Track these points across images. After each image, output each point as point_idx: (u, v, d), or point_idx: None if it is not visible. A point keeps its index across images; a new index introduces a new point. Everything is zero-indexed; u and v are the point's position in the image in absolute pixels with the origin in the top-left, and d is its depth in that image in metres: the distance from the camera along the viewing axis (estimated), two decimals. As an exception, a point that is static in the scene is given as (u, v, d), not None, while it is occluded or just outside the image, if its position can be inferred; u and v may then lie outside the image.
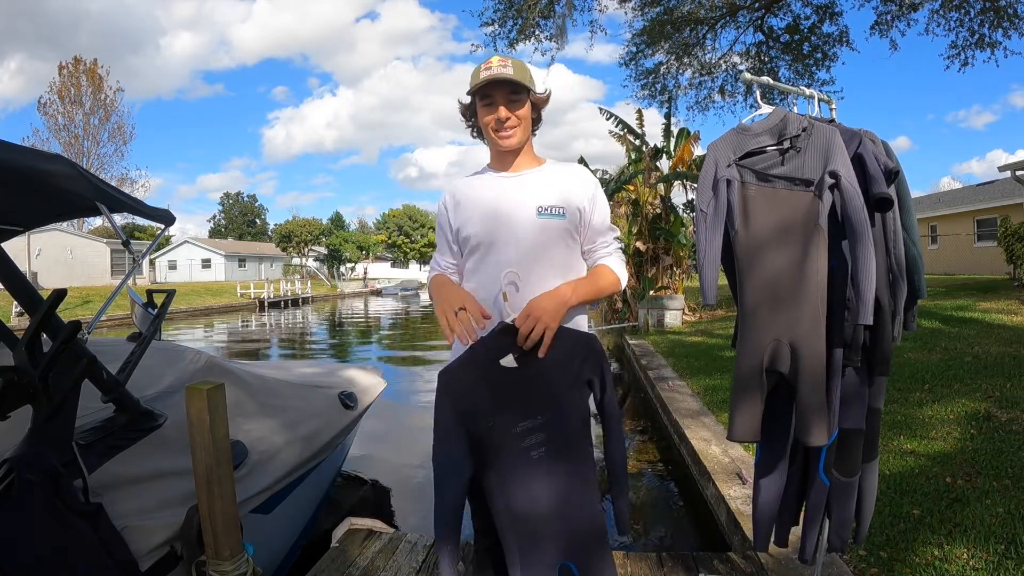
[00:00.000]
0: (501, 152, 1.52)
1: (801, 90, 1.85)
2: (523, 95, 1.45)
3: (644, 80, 12.18)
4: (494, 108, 1.44)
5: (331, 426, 3.04)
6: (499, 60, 1.43)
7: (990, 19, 9.27)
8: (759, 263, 1.56)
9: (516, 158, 1.53)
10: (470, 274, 1.52)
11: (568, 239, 1.48)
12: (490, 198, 1.50)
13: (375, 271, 54.01)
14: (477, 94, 1.46)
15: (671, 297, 11.47)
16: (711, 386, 5.43)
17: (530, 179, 1.51)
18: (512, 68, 1.41)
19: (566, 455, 1.33)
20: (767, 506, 1.70)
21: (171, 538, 1.79)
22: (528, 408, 1.31)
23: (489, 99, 1.44)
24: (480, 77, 1.41)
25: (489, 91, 1.43)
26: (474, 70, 1.45)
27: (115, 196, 1.98)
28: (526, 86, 1.44)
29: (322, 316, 23.52)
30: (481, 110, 1.47)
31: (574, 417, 1.34)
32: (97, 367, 1.83)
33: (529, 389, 1.31)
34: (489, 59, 1.44)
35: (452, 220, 1.55)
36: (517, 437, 1.30)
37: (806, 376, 1.48)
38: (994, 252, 14.14)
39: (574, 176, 1.53)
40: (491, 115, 1.45)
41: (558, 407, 1.32)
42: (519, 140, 1.48)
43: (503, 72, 1.40)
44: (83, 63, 36.02)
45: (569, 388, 1.33)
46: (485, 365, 1.30)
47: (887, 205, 1.48)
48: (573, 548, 1.33)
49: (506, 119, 1.44)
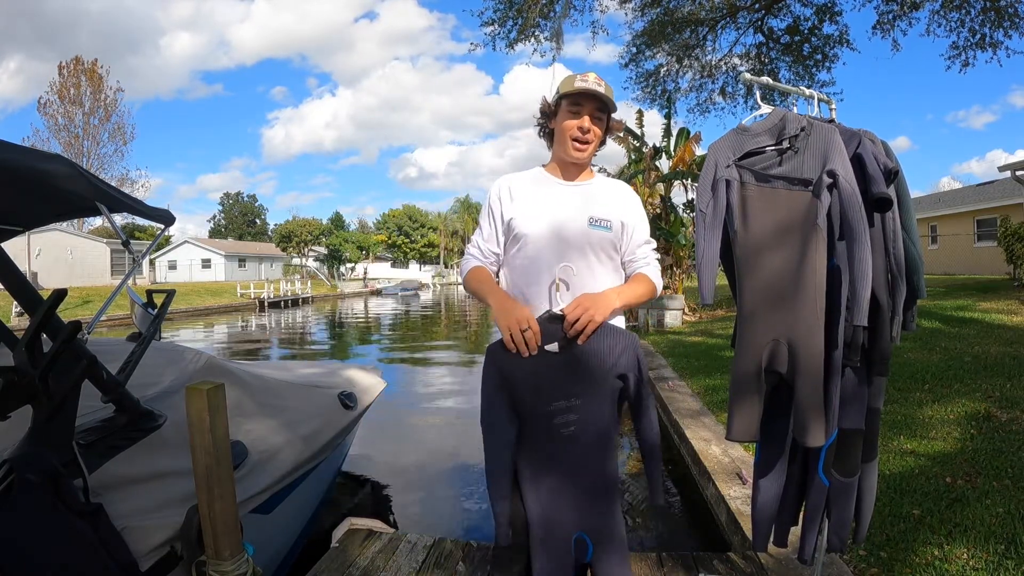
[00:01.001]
0: (567, 162, 1.60)
1: (801, 90, 1.85)
2: (606, 116, 1.55)
3: (644, 82, 12.19)
4: (579, 117, 1.53)
5: (331, 426, 3.04)
6: (596, 77, 1.52)
7: (991, 19, 9.27)
8: (758, 263, 1.56)
9: (577, 170, 1.62)
10: (515, 267, 1.60)
11: (611, 250, 1.58)
12: (548, 201, 1.58)
13: (375, 271, 53.99)
14: (567, 99, 1.53)
15: (671, 297, 11.47)
16: (711, 386, 5.43)
17: (585, 191, 1.61)
18: (605, 88, 1.51)
19: (592, 436, 1.44)
20: (766, 506, 1.71)
21: (171, 538, 1.79)
22: (564, 390, 1.42)
23: (578, 107, 1.53)
24: (575, 86, 1.50)
25: (581, 100, 1.52)
26: (567, 77, 1.54)
27: (115, 196, 1.98)
28: (611, 108, 1.54)
29: (322, 316, 23.52)
30: (565, 114, 1.55)
31: (605, 404, 1.44)
32: (97, 367, 1.83)
33: (567, 373, 1.42)
34: (587, 73, 1.53)
35: (505, 211, 1.61)
36: (550, 415, 1.43)
37: (804, 376, 1.48)
38: (994, 252, 14.14)
39: (621, 193, 1.65)
40: (575, 122, 1.54)
41: (591, 393, 1.43)
42: (589, 155, 1.58)
43: (599, 89, 1.49)
44: (83, 63, 36.02)
45: (603, 377, 1.43)
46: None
47: (886, 205, 1.48)
48: (589, 522, 1.46)
49: (587, 130, 1.53)
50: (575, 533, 1.46)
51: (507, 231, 1.61)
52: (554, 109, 1.60)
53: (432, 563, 2.38)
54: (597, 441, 1.45)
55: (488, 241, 1.65)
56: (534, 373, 1.42)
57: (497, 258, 1.66)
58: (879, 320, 1.55)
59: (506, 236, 1.62)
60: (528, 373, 1.42)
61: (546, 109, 1.62)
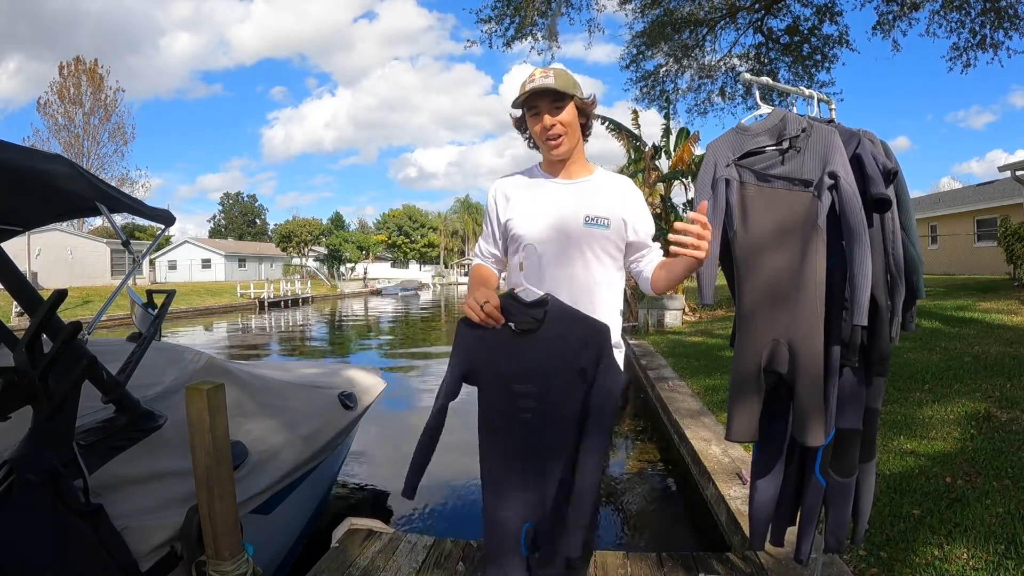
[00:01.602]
0: (553, 160, 1.57)
1: (801, 91, 1.85)
2: (565, 101, 1.50)
3: (644, 83, 12.18)
4: (540, 117, 1.50)
5: (331, 426, 3.04)
6: (541, 72, 1.49)
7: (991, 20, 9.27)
8: (758, 263, 1.56)
9: (567, 165, 1.59)
10: (514, 271, 1.60)
11: (611, 249, 1.54)
12: (540, 200, 1.57)
13: (375, 271, 53.98)
14: (524, 106, 1.53)
15: (671, 297, 11.46)
16: (711, 386, 5.43)
17: (580, 188, 1.57)
18: (553, 78, 1.47)
19: (554, 427, 1.40)
20: (764, 505, 1.71)
21: (171, 538, 1.80)
22: (526, 373, 1.40)
23: (535, 109, 1.51)
24: (525, 90, 1.48)
25: (534, 102, 1.50)
26: (521, 84, 1.52)
27: (115, 196, 1.98)
28: (568, 93, 1.48)
29: (322, 316, 23.51)
30: (529, 120, 1.54)
31: (568, 396, 1.40)
32: (97, 367, 1.83)
33: (530, 356, 1.40)
34: (532, 72, 1.50)
35: (500, 214, 1.61)
36: (512, 397, 1.41)
37: (804, 376, 1.48)
38: (994, 252, 14.13)
39: (621, 189, 1.59)
40: (538, 124, 1.51)
41: (553, 381, 1.40)
42: (568, 147, 1.53)
43: (544, 82, 1.46)
44: (84, 63, 36.02)
45: (565, 367, 1.40)
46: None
47: (885, 206, 1.48)
48: (543, 513, 1.41)
49: (551, 126, 1.49)
50: (525, 523, 1.42)
51: (505, 233, 1.61)
52: (522, 119, 1.59)
53: (432, 563, 2.38)
54: (559, 432, 1.41)
55: (488, 243, 1.67)
56: (499, 347, 1.42)
57: (496, 259, 1.68)
58: (878, 320, 1.55)
59: (504, 239, 1.63)
60: (493, 346, 1.42)
61: (517, 124, 1.63)
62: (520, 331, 1.41)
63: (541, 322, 1.41)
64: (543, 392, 1.40)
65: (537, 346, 1.40)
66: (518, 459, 1.43)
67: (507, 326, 1.41)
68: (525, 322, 1.40)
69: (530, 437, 1.42)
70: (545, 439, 1.42)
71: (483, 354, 1.44)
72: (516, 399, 1.41)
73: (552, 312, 1.41)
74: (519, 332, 1.41)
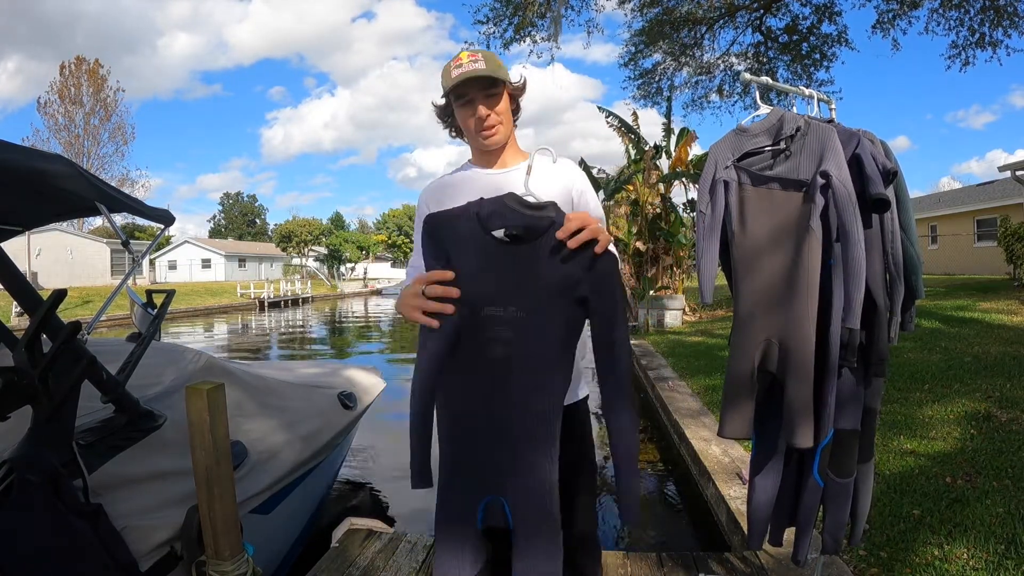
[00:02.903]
0: (486, 151, 1.45)
1: (800, 90, 1.85)
2: (499, 88, 1.38)
3: (642, 81, 12.19)
4: (472, 107, 1.37)
5: (331, 426, 3.04)
6: (469, 55, 1.35)
7: (990, 18, 9.28)
8: (754, 264, 1.57)
9: (501, 153, 1.47)
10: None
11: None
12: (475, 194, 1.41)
13: (375, 271, 53.99)
14: (452, 94, 1.38)
15: (671, 297, 11.47)
16: (711, 386, 5.43)
17: (518, 175, 1.41)
18: (484, 62, 1.33)
19: (530, 366, 1.12)
20: (762, 505, 1.70)
21: (171, 538, 1.80)
22: (503, 292, 1.13)
23: (465, 98, 1.37)
24: (452, 76, 1.33)
25: (464, 90, 1.35)
26: (444, 68, 1.37)
27: (115, 196, 1.98)
28: (501, 79, 1.36)
29: (322, 316, 23.51)
30: (459, 110, 1.40)
31: (553, 329, 1.13)
32: (97, 367, 1.83)
33: (511, 272, 1.13)
34: (458, 55, 1.36)
35: None
36: (481, 323, 1.13)
37: (794, 376, 1.48)
38: (994, 252, 14.13)
39: (564, 169, 1.46)
40: (470, 115, 1.38)
41: (536, 308, 1.12)
42: (503, 136, 1.42)
43: (476, 68, 1.32)
44: (85, 63, 36.04)
45: (556, 291, 1.12)
46: (474, 226, 1.16)
47: (884, 206, 1.48)
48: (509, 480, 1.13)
49: (486, 116, 1.37)
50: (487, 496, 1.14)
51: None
52: (447, 107, 1.44)
53: (432, 563, 2.38)
54: (535, 374, 1.12)
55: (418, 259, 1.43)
56: (472, 257, 1.14)
57: None
58: (877, 321, 1.55)
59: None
60: (466, 255, 1.15)
61: (440, 113, 1.48)
62: (509, 238, 1.13)
63: (544, 230, 1.13)
64: (526, 321, 1.12)
65: (528, 260, 1.13)
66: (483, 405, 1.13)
67: (490, 235, 1.14)
68: (520, 227, 1.13)
69: (501, 378, 1.12)
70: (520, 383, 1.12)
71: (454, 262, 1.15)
72: (486, 326, 1.13)
73: (558, 223, 1.13)
74: (507, 240, 1.13)
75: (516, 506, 1.12)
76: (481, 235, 1.15)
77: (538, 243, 1.13)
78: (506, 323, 1.12)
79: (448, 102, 1.43)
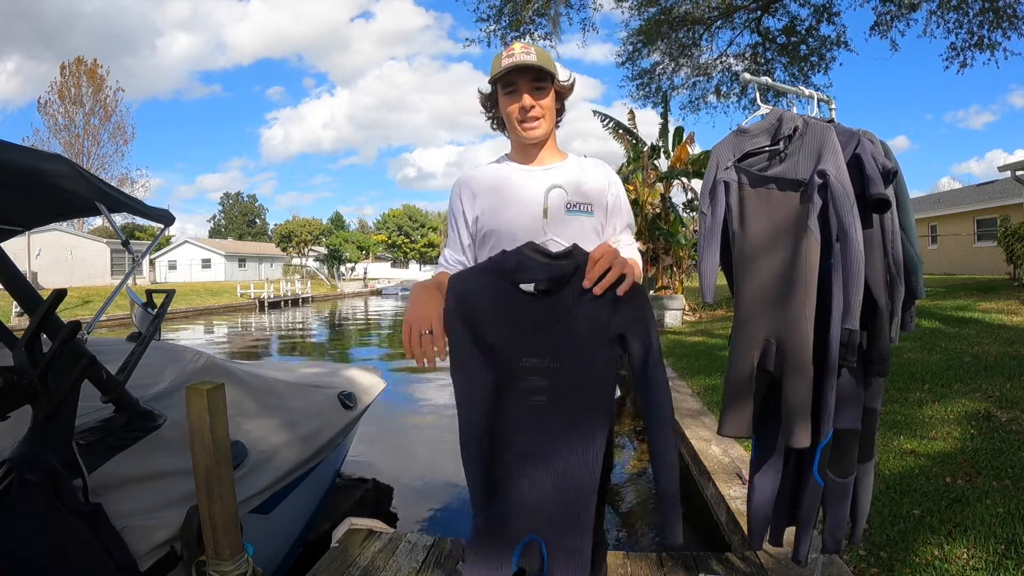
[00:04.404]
0: (525, 144, 1.44)
1: (800, 90, 1.86)
2: (547, 83, 1.38)
3: (640, 80, 12.20)
4: (517, 96, 1.37)
5: (331, 426, 3.04)
6: (522, 47, 1.35)
7: (989, 20, 9.28)
8: (753, 264, 1.57)
9: (540, 151, 1.45)
10: None
11: (594, 237, 1.41)
12: (516, 191, 1.41)
13: (375, 271, 54.02)
14: (499, 82, 1.38)
15: (671, 297, 11.47)
16: (711, 386, 5.43)
17: (558, 174, 1.43)
18: (535, 55, 1.34)
19: (571, 414, 1.14)
20: (762, 504, 1.71)
21: (171, 538, 1.80)
22: (538, 344, 1.14)
23: (512, 87, 1.37)
24: (502, 64, 1.34)
25: (512, 79, 1.36)
26: (495, 58, 1.38)
27: (115, 196, 1.98)
28: (550, 73, 1.36)
29: (322, 316, 23.51)
30: (503, 99, 1.40)
31: (593, 374, 1.14)
32: (97, 367, 1.83)
33: (545, 323, 1.15)
34: (511, 46, 1.37)
35: (468, 210, 1.45)
36: (518, 373, 1.15)
37: (791, 376, 1.49)
38: (994, 252, 14.13)
39: (601, 173, 1.47)
40: (515, 104, 1.38)
41: (574, 356, 1.14)
42: (544, 131, 1.41)
43: (526, 59, 1.32)
44: (84, 63, 36.04)
45: (593, 336, 1.13)
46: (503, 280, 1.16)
47: (884, 206, 1.48)
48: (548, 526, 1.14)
49: (530, 108, 1.37)
50: (526, 536, 1.15)
51: (475, 232, 1.44)
52: (493, 96, 1.44)
53: (432, 563, 2.38)
54: (577, 421, 1.14)
55: (455, 250, 1.49)
56: (502, 311, 1.15)
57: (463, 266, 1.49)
58: (878, 320, 1.55)
59: (474, 238, 1.45)
60: (496, 310, 1.15)
61: (485, 101, 1.47)
62: (538, 292, 1.14)
63: (569, 278, 1.14)
64: (565, 370, 1.13)
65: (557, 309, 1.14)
66: (526, 456, 1.14)
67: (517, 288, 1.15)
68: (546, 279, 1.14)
69: (542, 428, 1.14)
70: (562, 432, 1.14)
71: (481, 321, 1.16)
72: (525, 377, 1.14)
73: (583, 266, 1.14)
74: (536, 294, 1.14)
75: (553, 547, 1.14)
76: (510, 288, 1.16)
77: (564, 291, 1.14)
78: (541, 372, 1.14)
79: (494, 92, 1.42)
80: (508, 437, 1.16)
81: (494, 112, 1.47)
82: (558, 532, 1.14)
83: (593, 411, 1.15)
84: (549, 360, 1.14)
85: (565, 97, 1.46)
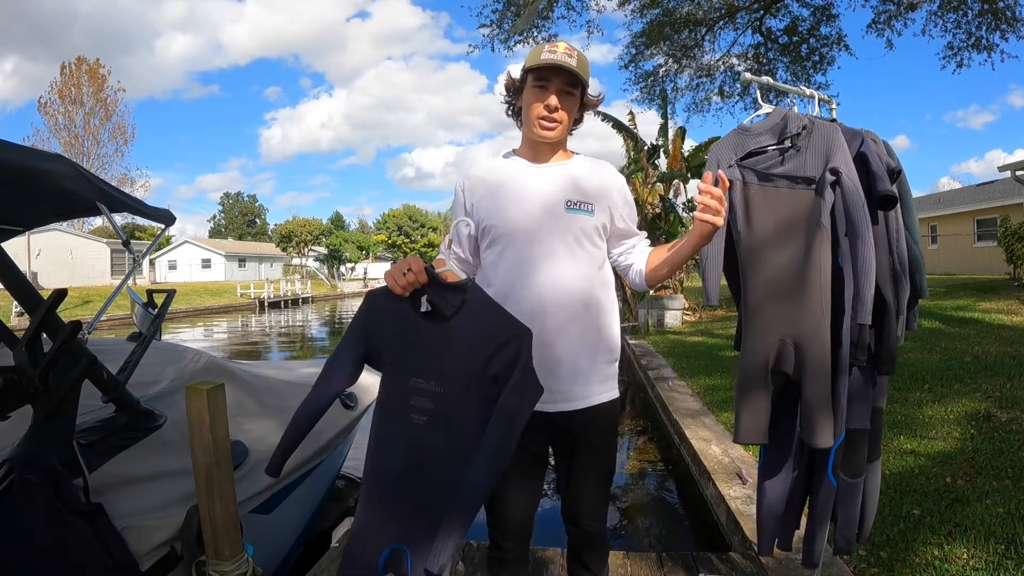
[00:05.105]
0: (536, 142, 1.43)
1: (801, 90, 1.85)
2: (578, 90, 1.38)
3: (643, 83, 12.20)
4: (546, 94, 1.36)
5: (331, 426, 3.03)
6: (565, 47, 1.35)
7: (988, 21, 9.28)
8: (762, 263, 1.55)
9: (549, 150, 1.46)
10: (492, 267, 1.43)
11: (595, 236, 1.41)
12: (518, 186, 1.42)
13: (375, 271, 53.97)
14: (532, 74, 1.37)
15: (671, 297, 11.47)
16: (711, 386, 5.43)
17: (560, 171, 1.43)
18: (576, 60, 1.34)
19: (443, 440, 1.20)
20: (772, 509, 1.67)
21: (171, 538, 1.79)
22: (427, 367, 1.21)
23: (544, 83, 1.36)
24: (541, 58, 1.33)
25: (547, 75, 1.35)
26: (535, 48, 1.37)
27: (115, 196, 1.98)
28: (584, 82, 1.37)
29: (322, 316, 23.50)
30: (531, 91, 1.38)
31: (471, 406, 1.18)
32: (97, 367, 1.83)
33: (434, 347, 1.21)
34: (557, 42, 1.37)
35: (471, 206, 1.46)
36: (408, 392, 1.22)
37: (812, 376, 1.46)
38: (994, 252, 14.14)
39: (605, 173, 1.47)
40: (540, 100, 1.37)
41: (455, 384, 1.19)
42: (558, 135, 1.40)
43: (566, 61, 1.32)
44: (85, 63, 36.03)
45: (473, 368, 1.18)
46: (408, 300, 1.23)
47: (891, 203, 1.47)
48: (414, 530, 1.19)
49: (555, 109, 1.36)
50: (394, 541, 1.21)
51: (478, 228, 1.45)
52: (520, 85, 1.42)
53: (432, 563, 2.38)
54: (453, 449, 1.17)
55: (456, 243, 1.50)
56: (403, 330, 1.22)
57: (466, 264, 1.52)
58: (885, 318, 1.54)
59: (480, 235, 1.46)
60: (398, 328, 1.22)
61: (511, 85, 1.45)
62: (427, 313, 1.21)
63: (456, 311, 1.19)
64: (447, 395, 1.19)
65: (446, 338, 1.19)
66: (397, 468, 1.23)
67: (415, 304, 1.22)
68: (438, 305, 1.20)
69: (417, 446, 1.21)
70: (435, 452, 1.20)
71: (385, 336, 1.24)
72: (412, 396, 1.21)
73: (471, 303, 1.20)
74: (426, 314, 1.21)
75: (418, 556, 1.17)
76: (411, 310, 1.23)
77: (456, 319, 1.20)
78: (428, 395, 1.21)
79: (523, 81, 1.41)
80: (394, 447, 1.24)
81: (516, 99, 1.46)
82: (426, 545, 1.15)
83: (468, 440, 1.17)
84: (434, 384, 1.21)
85: (588, 109, 1.47)
